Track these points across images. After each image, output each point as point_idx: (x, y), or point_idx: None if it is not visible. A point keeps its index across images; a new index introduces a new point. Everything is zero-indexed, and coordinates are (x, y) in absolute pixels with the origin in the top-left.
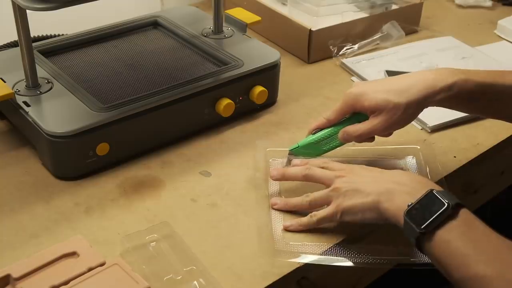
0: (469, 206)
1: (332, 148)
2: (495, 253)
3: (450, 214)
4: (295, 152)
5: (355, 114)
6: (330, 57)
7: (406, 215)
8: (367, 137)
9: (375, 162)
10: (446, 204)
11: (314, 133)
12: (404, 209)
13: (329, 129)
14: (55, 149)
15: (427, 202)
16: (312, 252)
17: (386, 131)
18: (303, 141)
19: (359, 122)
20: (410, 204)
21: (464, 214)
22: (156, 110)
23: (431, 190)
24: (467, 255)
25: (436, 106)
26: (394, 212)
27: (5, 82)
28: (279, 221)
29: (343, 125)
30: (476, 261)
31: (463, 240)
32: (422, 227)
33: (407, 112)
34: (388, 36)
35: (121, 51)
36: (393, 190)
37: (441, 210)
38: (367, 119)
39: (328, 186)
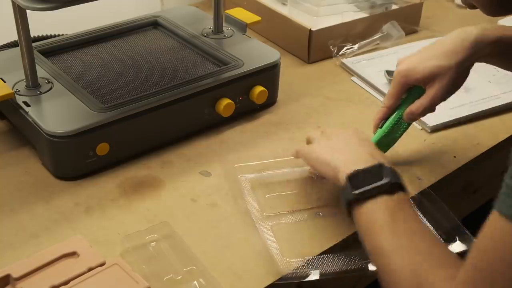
0: (469, 206)
1: (404, 131)
2: (407, 233)
3: (387, 190)
4: None
5: (410, 90)
6: (330, 57)
7: (348, 177)
8: (436, 106)
9: None
10: (387, 180)
11: (381, 126)
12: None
13: (393, 115)
14: (55, 149)
15: (372, 173)
16: (315, 267)
17: (446, 97)
18: (375, 137)
19: (418, 96)
20: (356, 169)
21: (401, 195)
22: (156, 110)
23: (381, 164)
24: (382, 227)
25: (483, 62)
26: (342, 175)
27: (5, 82)
28: (273, 242)
29: (404, 106)
30: (386, 234)
31: (385, 214)
32: (357, 192)
33: (459, 71)
34: (388, 36)
35: (121, 51)
36: (350, 159)
37: (379, 184)
38: (423, 91)
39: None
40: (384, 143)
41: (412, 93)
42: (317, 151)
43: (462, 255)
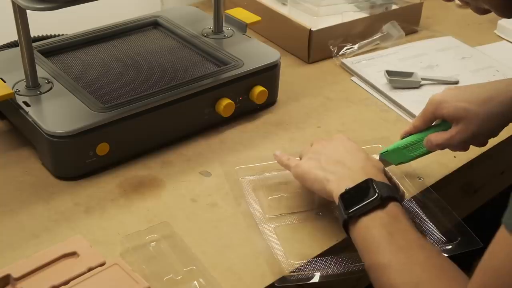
0: (469, 206)
1: (420, 155)
2: (404, 246)
3: (379, 205)
4: (384, 157)
5: (445, 121)
6: (330, 57)
7: (340, 197)
8: (454, 147)
9: None
10: (376, 195)
11: (403, 139)
12: (341, 191)
13: (416, 135)
14: (55, 149)
15: (362, 189)
16: (316, 269)
17: (464, 143)
18: (391, 146)
19: (447, 129)
20: (347, 187)
21: (393, 207)
22: (156, 110)
23: (370, 179)
24: (379, 243)
25: None
26: (335, 194)
27: (5, 82)
28: (276, 243)
29: (431, 131)
30: (384, 250)
31: (381, 229)
32: (350, 211)
33: (487, 124)
34: (388, 36)
35: (121, 51)
36: (341, 177)
37: (370, 200)
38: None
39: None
40: (397, 156)
41: (444, 123)
42: (306, 168)
43: (464, 256)
